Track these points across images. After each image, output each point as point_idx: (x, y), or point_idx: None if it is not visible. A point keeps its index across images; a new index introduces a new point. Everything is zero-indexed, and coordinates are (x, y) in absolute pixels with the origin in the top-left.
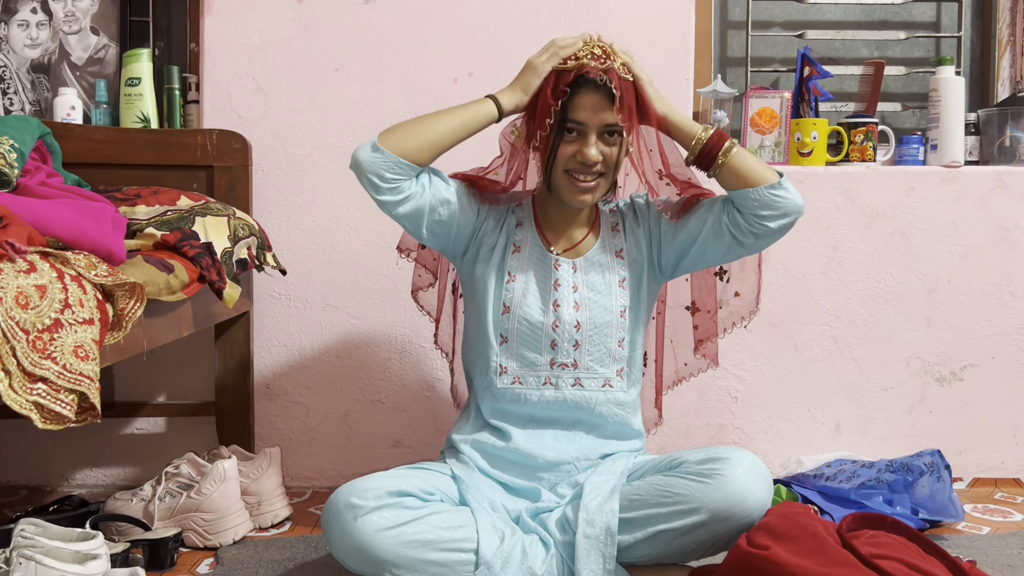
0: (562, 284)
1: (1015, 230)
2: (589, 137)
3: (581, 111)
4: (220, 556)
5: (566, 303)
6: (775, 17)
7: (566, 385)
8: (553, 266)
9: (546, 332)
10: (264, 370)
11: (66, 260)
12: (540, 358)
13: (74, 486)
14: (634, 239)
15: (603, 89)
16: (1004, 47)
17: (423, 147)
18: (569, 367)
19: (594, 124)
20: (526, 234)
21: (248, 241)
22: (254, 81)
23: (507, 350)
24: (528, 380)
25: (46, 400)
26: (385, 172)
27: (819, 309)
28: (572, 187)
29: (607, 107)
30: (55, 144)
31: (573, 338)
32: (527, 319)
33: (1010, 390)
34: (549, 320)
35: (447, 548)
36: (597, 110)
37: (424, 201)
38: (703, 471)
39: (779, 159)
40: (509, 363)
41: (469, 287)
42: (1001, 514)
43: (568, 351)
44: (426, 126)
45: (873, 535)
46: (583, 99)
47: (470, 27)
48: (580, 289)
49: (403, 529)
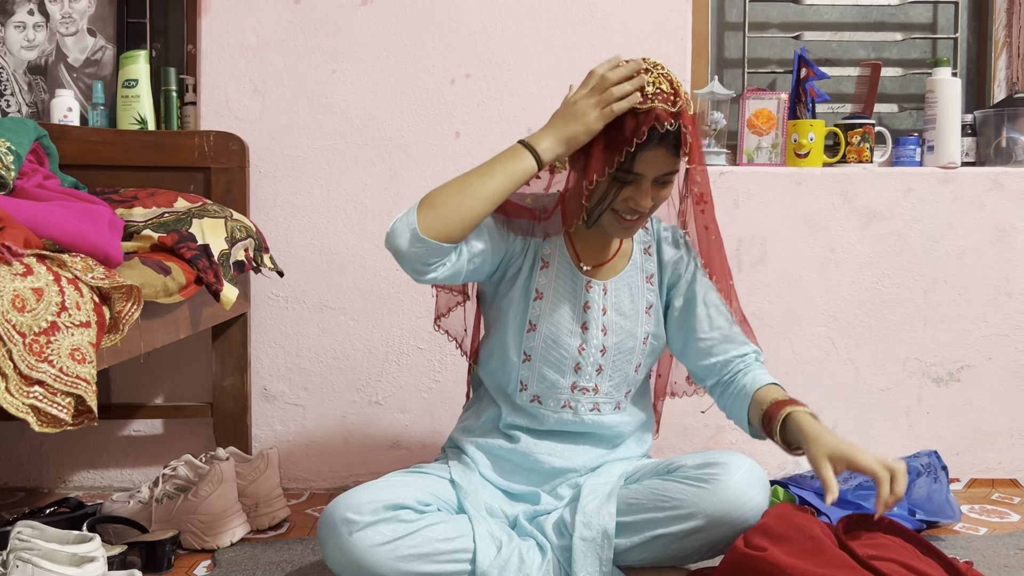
0: (592, 306)
1: (1011, 231)
2: (644, 186)
3: (644, 164)
4: (217, 558)
5: (595, 326)
6: (772, 18)
7: (585, 410)
8: (584, 287)
9: (571, 355)
10: (261, 372)
11: (63, 263)
12: (562, 380)
13: (71, 488)
14: (660, 267)
15: (670, 139)
16: (1000, 48)
17: (468, 225)
18: (590, 392)
19: (652, 175)
20: (555, 248)
21: (245, 243)
22: (251, 83)
23: (529, 368)
24: (548, 402)
25: (43, 403)
26: (429, 259)
27: (816, 310)
28: (618, 224)
29: (671, 159)
30: (52, 146)
31: (598, 363)
32: (554, 339)
33: (1007, 391)
34: (576, 343)
35: (443, 560)
36: (660, 163)
37: (462, 263)
38: (700, 476)
39: (776, 160)
40: (530, 382)
41: (492, 301)
42: (998, 515)
43: (591, 375)
44: (468, 199)
45: (870, 536)
46: (649, 153)
47: (468, 28)
48: (609, 313)
49: (399, 544)
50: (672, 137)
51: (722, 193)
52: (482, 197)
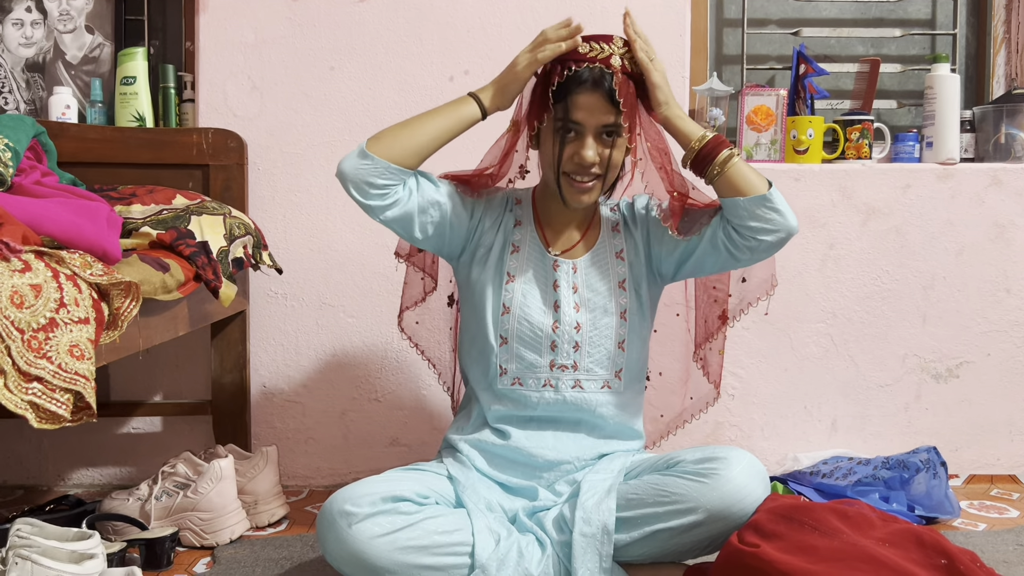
0: (561, 285)
1: (1010, 227)
2: (586, 139)
3: (578, 111)
4: (217, 555)
5: (566, 304)
6: (771, 15)
7: (566, 387)
8: (552, 267)
9: (546, 333)
10: (261, 369)
11: (61, 259)
12: (540, 359)
13: (70, 486)
14: (632, 241)
15: (602, 87)
16: (999, 44)
17: (411, 152)
18: (569, 368)
19: (591, 125)
20: (525, 233)
21: (244, 240)
22: (249, 80)
23: (507, 351)
24: (528, 382)
25: (41, 399)
26: (376, 179)
27: (815, 306)
28: (570, 188)
29: (606, 107)
30: (50, 143)
31: (573, 339)
32: (527, 320)
33: (1006, 387)
34: (549, 321)
35: (442, 553)
36: (595, 110)
37: (412, 205)
38: (700, 471)
39: (775, 157)
40: (509, 364)
41: (467, 288)
42: (997, 510)
43: (568, 352)
44: (413, 130)
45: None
46: (580, 98)
47: (466, 25)
48: (580, 290)
49: (397, 536)
50: (606, 85)
51: None
52: (426, 130)
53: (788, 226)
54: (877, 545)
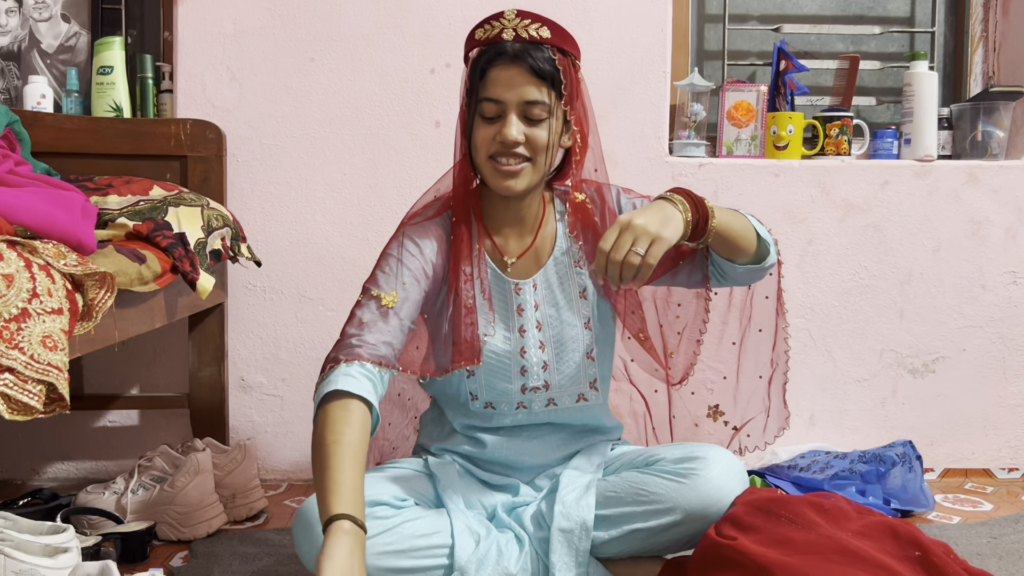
0: (525, 308)
1: (986, 224)
2: (509, 116)
3: (496, 86)
4: (194, 549)
5: (530, 326)
6: (752, 10)
7: (539, 407)
8: (514, 291)
9: (515, 360)
10: (239, 362)
11: (34, 249)
12: (511, 386)
13: (45, 480)
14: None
15: (523, 60)
16: (977, 43)
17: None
18: (541, 389)
19: (513, 101)
20: (479, 260)
21: (222, 232)
22: (228, 70)
23: (476, 381)
24: (500, 406)
25: (13, 391)
26: None
27: (794, 302)
28: (496, 173)
29: (527, 80)
30: (24, 132)
31: (541, 360)
32: (493, 351)
33: (980, 382)
34: (516, 348)
35: (420, 555)
36: (514, 84)
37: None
38: (679, 471)
39: (755, 152)
40: (480, 392)
41: (430, 319)
42: (971, 504)
43: (538, 374)
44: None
45: None
46: (498, 73)
47: (447, 18)
48: (541, 307)
49: (375, 541)
50: (528, 57)
51: (701, 185)
52: None
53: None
54: (853, 537)
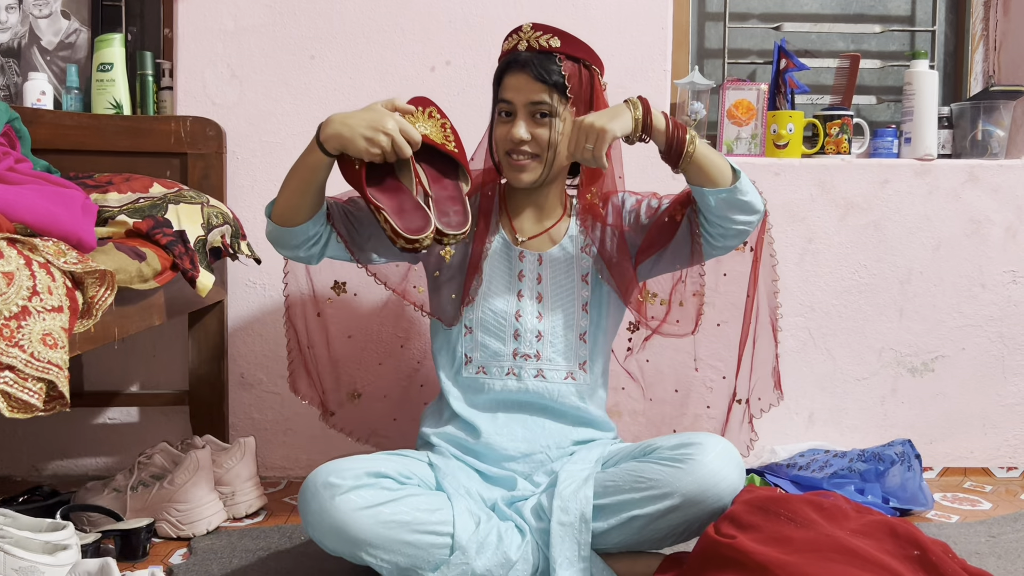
0: (526, 275)
1: (986, 223)
2: (518, 116)
3: (508, 90)
4: (193, 546)
5: (529, 293)
6: (752, 9)
7: (528, 376)
8: (518, 257)
9: (509, 321)
10: (238, 359)
11: (34, 247)
12: (503, 348)
13: (45, 477)
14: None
15: (530, 67)
16: (977, 42)
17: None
18: (532, 358)
19: (520, 103)
20: (491, 222)
21: (222, 229)
22: (228, 68)
23: (472, 340)
24: (492, 370)
25: (13, 388)
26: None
27: (793, 300)
28: (509, 167)
29: (533, 85)
30: (24, 129)
31: (536, 329)
32: (491, 308)
33: (980, 381)
34: (512, 309)
35: (424, 531)
36: (522, 88)
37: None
38: (675, 456)
39: (755, 151)
40: (474, 353)
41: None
42: (970, 503)
43: (531, 342)
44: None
45: None
46: (510, 79)
47: (448, 15)
48: (544, 281)
49: (381, 509)
50: (534, 65)
51: None
52: (292, 189)
53: (759, 211)
54: (851, 536)
